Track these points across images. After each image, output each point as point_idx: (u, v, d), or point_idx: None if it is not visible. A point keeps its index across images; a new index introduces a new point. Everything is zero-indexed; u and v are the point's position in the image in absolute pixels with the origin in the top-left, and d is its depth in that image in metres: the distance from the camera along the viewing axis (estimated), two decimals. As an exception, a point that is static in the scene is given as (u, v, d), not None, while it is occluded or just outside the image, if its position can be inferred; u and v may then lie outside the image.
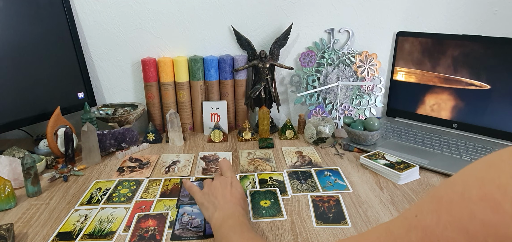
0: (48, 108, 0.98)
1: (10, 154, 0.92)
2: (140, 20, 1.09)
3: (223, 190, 0.64)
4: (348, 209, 0.71)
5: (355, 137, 0.99)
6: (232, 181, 0.67)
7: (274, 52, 1.11)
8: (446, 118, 1.09)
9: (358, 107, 1.18)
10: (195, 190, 0.68)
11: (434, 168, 0.86)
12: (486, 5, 1.16)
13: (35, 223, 0.67)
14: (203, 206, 0.64)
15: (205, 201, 0.64)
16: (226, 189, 0.64)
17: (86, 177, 0.86)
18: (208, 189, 0.66)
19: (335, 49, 1.16)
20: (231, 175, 0.69)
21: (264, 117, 1.08)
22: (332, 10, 1.14)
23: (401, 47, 1.15)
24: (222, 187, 0.65)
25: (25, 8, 0.94)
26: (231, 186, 0.65)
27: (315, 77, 1.16)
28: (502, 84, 0.98)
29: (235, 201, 0.62)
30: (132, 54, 1.13)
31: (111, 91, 1.17)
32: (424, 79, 1.11)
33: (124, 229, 0.65)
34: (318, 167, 0.90)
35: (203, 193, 0.66)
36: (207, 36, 1.14)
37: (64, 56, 1.03)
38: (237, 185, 0.66)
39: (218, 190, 0.64)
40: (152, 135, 1.07)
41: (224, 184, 0.65)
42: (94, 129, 0.91)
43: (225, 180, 0.67)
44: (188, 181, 0.71)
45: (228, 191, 0.64)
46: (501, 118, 0.99)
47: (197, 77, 1.11)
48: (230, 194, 0.63)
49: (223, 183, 0.66)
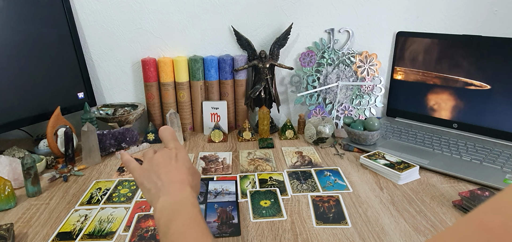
0: (48, 108, 0.98)
1: (10, 154, 0.92)
2: (140, 20, 1.09)
3: (167, 165, 0.53)
4: (348, 209, 0.71)
5: (355, 137, 0.99)
6: (177, 153, 0.55)
7: (274, 52, 1.11)
8: (446, 118, 1.09)
9: (358, 107, 1.18)
10: (133, 166, 0.56)
11: (434, 168, 0.86)
12: (486, 5, 1.16)
13: (35, 223, 0.67)
14: (143, 186, 0.53)
15: (145, 180, 0.53)
16: (170, 164, 0.53)
17: (86, 177, 0.86)
18: (149, 164, 0.54)
19: (335, 49, 1.16)
20: (175, 145, 0.57)
21: (264, 117, 1.08)
22: (332, 10, 1.14)
23: (401, 47, 1.15)
24: (165, 161, 0.53)
25: (25, 8, 0.94)
26: (175, 159, 0.54)
27: (315, 77, 1.16)
28: (502, 84, 0.98)
29: (183, 179, 0.51)
30: (132, 54, 1.13)
31: (111, 91, 1.17)
32: (424, 79, 1.11)
33: (124, 229, 0.65)
34: (318, 167, 0.90)
35: (142, 170, 0.54)
36: (207, 36, 1.14)
37: (64, 56, 1.03)
38: (183, 157, 0.55)
39: (160, 166, 0.53)
40: (152, 135, 1.07)
41: (167, 158, 0.54)
42: (94, 129, 0.91)
43: (168, 152, 0.55)
44: (126, 154, 0.59)
45: (172, 167, 0.53)
46: (501, 118, 0.99)
47: (197, 77, 1.11)
48: (176, 170, 0.52)
49: (166, 156, 0.54)
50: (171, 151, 0.55)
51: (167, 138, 0.58)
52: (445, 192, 0.77)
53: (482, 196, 0.69)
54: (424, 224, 0.66)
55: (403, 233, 0.63)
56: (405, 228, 0.65)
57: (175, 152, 0.55)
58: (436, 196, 0.75)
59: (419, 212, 0.70)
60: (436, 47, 1.07)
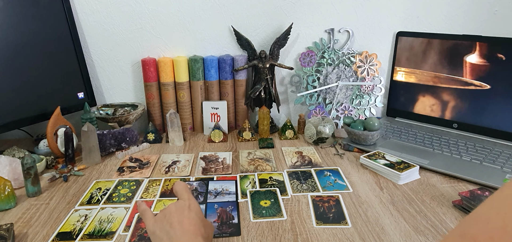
0: (48, 108, 0.98)
1: (10, 154, 0.92)
2: (140, 20, 1.09)
3: (179, 215, 0.53)
4: (348, 209, 0.71)
5: (355, 137, 0.99)
6: (190, 204, 0.56)
7: (274, 52, 1.11)
8: (446, 118, 1.09)
9: (358, 107, 1.18)
10: (148, 215, 0.57)
11: (434, 168, 0.86)
12: (486, 5, 1.16)
13: (35, 223, 0.67)
14: (155, 235, 0.53)
15: (158, 229, 0.53)
16: (182, 214, 0.54)
17: (86, 177, 0.86)
18: (162, 214, 0.55)
19: (335, 49, 1.16)
20: (188, 197, 0.58)
21: (264, 117, 1.08)
22: (332, 10, 1.14)
23: (401, 47, 1.15)
24: (178, 212, 0.54)
25: (25, 8, 0.94)
26: (188, 210, 0.55)
27: (315, 77, 1.16)
28: (502, 84, 0.98)
29: (195, 230, 0.52)
30: (132, 54, 1.13)
31: (111, 91, 1.17)
32: (424, 79, 1.11)
33: (124, 229, 0.65)
34: (318, 167, 0.90)
35: (155, 219, 0.55)
36: (207, 36, 1.14)
37: (64, 56, 1.03)
38: (196, 208, 0.56)
39: (173, 215, 0.53)
40: (152, 135, 1.07)
41: (180, 209, 0.55)
42: (94, 129, 0.91)
43: (181, 203, 0.56)
44: (143, 204, 0.60)
45: (185, 217, 0.53)
46: (501, 118, 0.99)
47: (197, 77, 1.11)
48: (188, 221, 0.53)
49: (179, 208, 0.55)
50: (184, 202, 0.56)
51: (181, 191, 0.59)
52: (445, 192, 0.77)
53: (482, 196, 0.69)
54: (424, 224, 0.66)
55: (403, 233, 0.63)
56: (405, 228, 0.65)
57: (189, 202, 0.56)
58: (436, 196, 0.75)
59: (419, 212, 0.70)
60: (436, 47, 1.07)
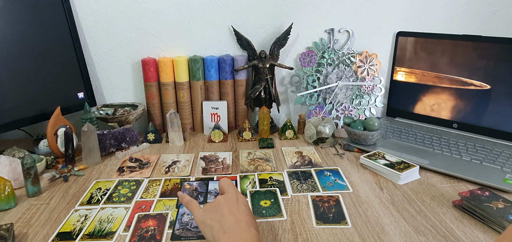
0: (48, 108, 0.98)
1: (10, 154, 0.92)
2: (140, 20, 1.09)
3: (230, 206, 0.54)
4: (348, 209, 0.71)
5: (355, 137, 0.99)
6: (238, 197, 0.57)
7: (274, 52, 1.11)
8: (446, 118, 1.09)
9: (358, 107, 1.18)
10: (195, 205, 0.58)
11: (434, 168, 0.86)
12: (486, 5, 1.16)
13: (35, 223, 0.67)
14: (205, 224, 0.53)
15: (208, 218, 0.53)
16: (232, 205, 0.54)
17: (86, 177, 0.86)
18: (211, 205, 0.56)
19: (335, 49, 1.16)
20: (235, 190, 0.58)
21: (264, 117, 1.08)
22: (332, 10, 1.14)
23: (401, 47, 1.15)
24: (228, 203, 0.55)
25: (25, 8, 0.94)
26: (237, 201, 0.55)
27: (315, 77, 1.16)
28: (502, 84, 0.98)
29: (247, 220, 0.52)
30: (132, 54, 1.13)
31: (111, 91, 1.16)
32: (424, 79, 1.11)
33: (124, 229, 0.65)
34: (318, 167, 0.90)
35: (204, 209, 0.56)
36: (207, 36, 1.14)
37: (64, 56, 1.03)
38: (244, 201, 0.57)
39: (223, 207, 0.54)
40: (152, 135, 1.07)
41: (229, 200, 0.55)
42: (94, 129, 0.91)
43: (229, 195, 0.56)
44: (186, 195, 0.60)
45: (235, 208, 0.53)
46: (501, 118, 0.99)
47: (197, 77, 1.11)
48: (239, 211, 0.53)
49: (228, 199, 0.55)
50: (232, 194, 0.56)
51: (227, 185, 0.59)
52: (445, 192, 0.77)
53: (482, 196, 0.69)
54: (424, 224, 0.66)
55: (403, 233, 0.63)
56: (405, 228, 0.65)
57: (236, 195, 0.57)
58: (436, 196, 0.75)
59: (419, 212, 0.70)
60: (436, 47, 1.07)
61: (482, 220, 0.66)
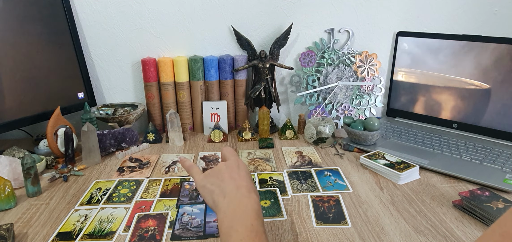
0: (48, 108, 0.98)
1: (10, 154, 0.92)
2: (140, 20, 1.09)
3: (231, 172, 0.54)
4: (348, 209, 0.71)
5: (355, 137, 0.99)
6: (239, 163, 0.56)
7: (274, 52, 1.11)
8: (446, 118, 1.09)
9: (358, 107, 1.18)
10: (196, 170, 0.58)
11: (434, 168, 0.86)
12: (486, 5, 1.16)
13: (35, 223, 0.67)
14: (205, 188, 0.53)
15: (208, 183, 0.54)
16: (233, 171, 0.54)
17: (86, 177, 0.86)
18: (212, 171, 0.56)
19: (335, 49, 1.16)
20: (236, 158, 0.58)
21: (264, 117, 1.08)
22: (332, 10, 1.14)
23: (401, 47, 1.15)
24: (229, 169, 0.54)
25: (25, 8, 0.94)
26: (238, 168, 0.55)
27: (315, 77, 1.16)
28: (502, 84, 0.98)
29: (247, 186, 0.52)
30: (132, 54, 1.13)
31: (111, 91, 1.16)
32: (424, 79, 1.11)
33: (124, 229, 0.65)
34: (318, 167, 0.90)
35: (205, 174, 0.55)
36: (207, 36, 1.14)
37: (64, 56, 1.03)
38: (245, 168, 0.56)
39: (224, 172, 0.54)
40: (152, 135, 1.07)
41: (230, 166, 0.55)
42: (94, 129, 0.91)
43: (230, 162, 0.56)
44: (187, 160, 0.60)
45: (236, 174, 0.53)
46: (501, 118, 0.99)
47: (197, 77, 1.11)
48: (239, 177, 0.53)
49: (229, 165, 0.55)
50: (233, 161, 0.56)
51: (229, 153, 0.59)
52: (445, 192, 0.77)
53: (482, 196, 0.69)
54: (424, 224, 0.66)
55: (403, 233, 0.63)
56: (405, 228, 0.65)
57: (237, 162, 0.56)
58: (436, 196, 0.75)
59: (419, 212, 0.70)
60: (436, 47, 1.07)
61: (482, 220, 0.66)
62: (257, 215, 0.48)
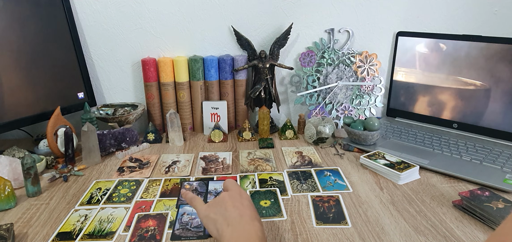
0: (48, 108, 0.98)
1: (10, 154, 0.92)
2: (140, 20, 1.09)
3: (234, 201, 0.55)
4: (348, 209, 0.71)
5: (355, 137, 0.99)
6: (241, 192, 0.58)
7: (274, 52, 1.11)
8: (446, 118, 1.09)
9: (358, 107, 1.18)
10: (198, 201, 0.59)
11: (434, 168, 0.86)
12: (486, 5, 1.16)
13: (35, 223, 0.67)
14: (209, 218, 0.54)
15: (212, 212, 0.55)
16: (236, 200, 0.55)
17: (86, 177, 0.86)
18: (214, 201, 0.57)
19: (335, 49, 1.16)
20: (238, 187, 0.60)
21: (264, 117, 1.08)
22: (332, 10, 1.14)
23: (401, 47, 1.15)
24: (232, 198, 0.56)
25: (25, 8, 0.94)
26: (241, 197, 0.57)
27: (315, 77, 1.16)
28: (502, 84, 0.98)
29: (251, 214, 0.53)
30: (132, 54, 1.13)
31: (111, 91, 1.17)
32: (424, 79, 1.11)
33: (124, 229, 0.65)
34: (318, 167, 0.90)
35: (208, 204, 0.57)
36: (207, 36, 1.14)
37: (64, 56, 1.03)
38: (248, 197, 0.58)
39: (227, 201, 0.55)
40: (152, 135, 1.07)
41: (233, 196, 0.56)
42: (94, 129, 0.91)
43: (232, 192, 0.58)
44: (189, 192, 0.62)
45: (239, 202, 0.55)
46: (501, 118, 0.99)
47: (197, 77, 1.11)
48: (242, 206, 0.54)
49: (232, 195, 0.57)
50: (235, 191, 0.58)
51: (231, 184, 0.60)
52: (445, 192, 0.77)
53: (482, 196, 0.69)
54: (424, 224, 0.66)
55: (403, 233, 0.63)
56: (405, 228, 0.65)
57: (239, 191, 0.58)
58: (436, 196, 0.75)
59: (419, 212, 0.70)
60: (436, 47, 1.07)
61: (482, 220, 0.66)
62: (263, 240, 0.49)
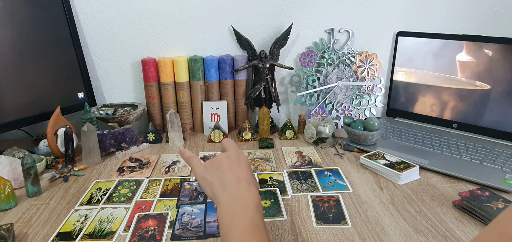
0: (48, 108, 0.98)
1: (10, 154, 0.92)
2: (140, 20, 1.09)
3: (231, 164, 0.53)
4: (348, 209, 0.71)
5: (355, 137, 0.99)
6: (239, 155, 0.56)
7: (274, 52, 1.11)
8: (446, 118, 1.09)
9: (358, 107, 1.18)
10: (196, 161, 0.57)
11: (434, 168, 0.86)
12: (486, 5, 1.16)
13: (35, 223, 0.67)
14: (205, 180, 0.53)
15: (208, 174, 0.53)
16: (233, 163, 0.53)
17: (86, 177, 0.86)
18: (211, 162, 0.55)
19: (335, 49, 1.16)
20: (236, 149, 0.57)
21: (264, 117, 1.08)
22: (332, 10, 1.14)
23: (401, 47, 1.15)
24: (229, 160, 0.54)
25: (25, 8, 0.94)
26: (238, 160, 0.55)
27: (315, 77, 1.16)
28: (502, 84, 0.98)
29: (247, 178, 0.51)
30: (132, 54, 1.13)
31: (111, 91, 1.17)
32: (424, 79, 1.11)
33: (124, 229, 0.65)
34: (318, 167, 0.90)
35: (205, 165, 0.55)
36: (207, 36, 1.14)
37: (64, 56, 1.03)
38: (245, 160, 0.56)
39: (224, 164, 0.53)
40: (152, 135, 1.07)
41: (230, 158, 0.54)
42: (94, 129, 0.91)
43: (230, 153, 0.56)
44: (187, 151, 0.60)
45: (236, 166, 0.53)
46: (501, 118, 0.99)
47: (197, 77, 1.11)
48: (239, 169, 0.52)
49: (229, 157, 0.55)
50: (233, 153, 0.56)
51: (229, 144, 0.59)
52: (445, 192, 0.77)
53: (482, 196, 0.69)
54: (424, 224, 0.66)
55: (403, 233, 0.63)
56: (405, 228, 0.65)
57: (237, 154, 0.56)
58: (436, 196, 0.75)
59: (419, 212, 0.70)
60: (436, 47, 1.07)
61: (482, 220, 0.66)
62: (257, 209, 0.48)
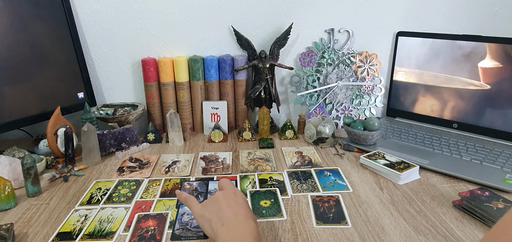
0: (48, 108, 0.98)
1: (10, 154, 0.92)
2: (140, 20, 1.09)
3: (228, 200, 0.55)
4: (348, 209, 0.71)
5: (355, 137, 0.99)
6: (236, 192, 0.58)
7: (274, 52, 1.11)
8: (446, 118, 1.09)
9: (358, 107, 1.18)
10: (193, 201, 0.59)
11: (434, 168, 0.86)
12: (486, 5, 1.16)
13: (35, 223, 0.67)
14: (203, 218, 0.55)
15: (206, 212, 0.55)
16: (231, 199, 0.55)
17: (86, 177, 0.86)
18: (209, 200, 0.57)
19: (335, 49, 1.16)
20: (233, 187, 0.60)
21: (264, 117, 1.08)
22: (332, 10, 1.14)
23: (401, 47, 1.15)
24: (226, 197, 0.56)
25: (25, 8, 0.94)
26: (235, 196, 0.57)
27: (315, 77, 1.16)
28: (502, 84, 0.98)
29: (245, 213, 0.53)
30: (132, 54, 1.13)
31: (111, 91, 1.17)
32: (424, 79, 1.11)
33: (124, 229, 0.65)
34: (318, 167, 0.90)
35: (202, 204, 0.57)
36: (207, 36, 1.14)
37: (64, 56, 1.03)
38: (242, 196, 0.58)
39: (221, 200, 0.55)
40: (152, 135, 1.07)
41: (227, 195, 0.56)
42: (94, 129, 0.91)
43: (227, 191, 0.58)
44: (183, 193, 0.62)
45: (233, 202, 0.55)
46: (501, 118, 0.99)
47: (197, 77, 1.11)
48: (237, 205, 0.54)
49: (226, 194, 0.57)
50: (230, 190, 0.58)
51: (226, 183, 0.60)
52: (445, 192, 0.77)
53: (482, 196, 0.69)
54: (424, 224, 0.66)
55: (403, 233, 0.63)
56: (405, 228, 0.65)
57: (233, 190, 0.58)
58: (436, 196, 0.75)
59: (419, 212, 0.70)
60: (436, 47, 1.07)
61: (482, 220, 0.66)
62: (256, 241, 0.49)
